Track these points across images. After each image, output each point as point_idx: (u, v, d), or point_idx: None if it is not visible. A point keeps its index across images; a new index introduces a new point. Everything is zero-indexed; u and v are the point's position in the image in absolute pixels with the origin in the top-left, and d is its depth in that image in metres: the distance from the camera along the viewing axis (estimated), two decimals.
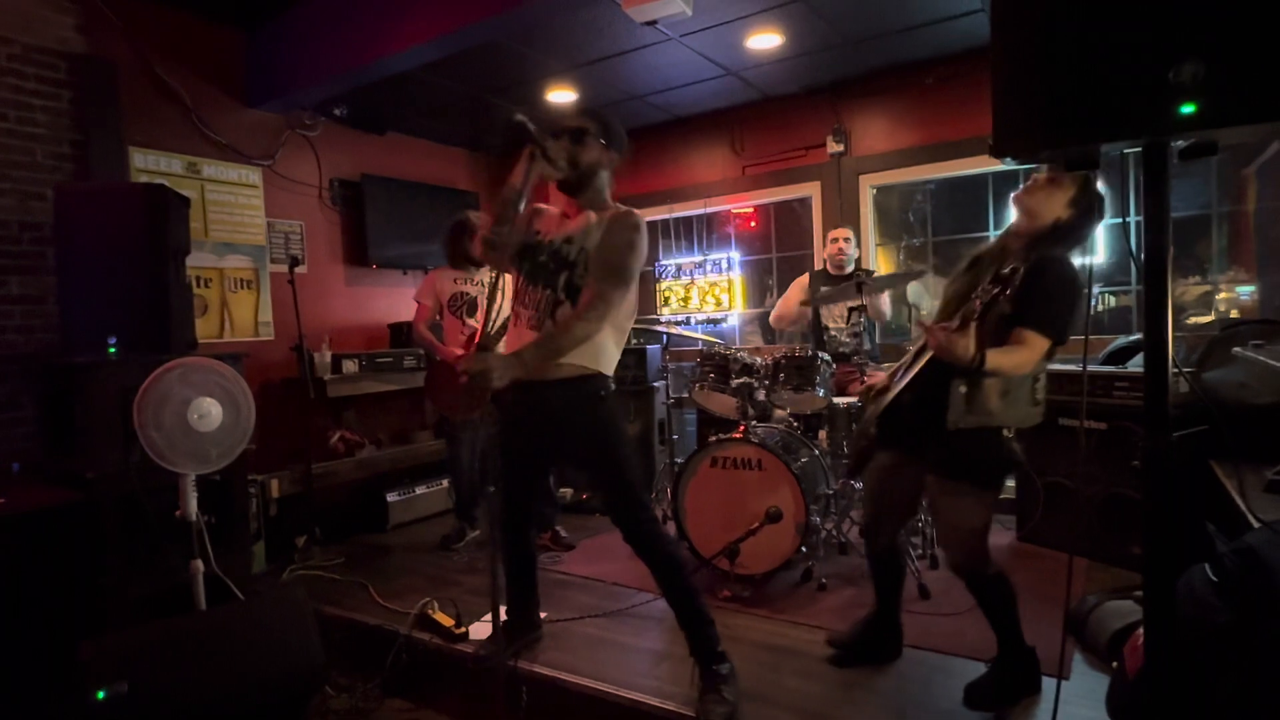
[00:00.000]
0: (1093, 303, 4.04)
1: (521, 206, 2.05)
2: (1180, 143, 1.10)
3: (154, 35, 3.66)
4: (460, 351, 3.51)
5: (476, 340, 3.46)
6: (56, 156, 3.29)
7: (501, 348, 3.50)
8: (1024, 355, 1.82)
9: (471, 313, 3.60)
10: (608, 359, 2.21)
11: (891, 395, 2.09)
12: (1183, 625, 1.55)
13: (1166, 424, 1.09)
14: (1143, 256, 1.09)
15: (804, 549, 3.03)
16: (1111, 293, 4.17)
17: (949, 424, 1.89)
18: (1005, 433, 1.94)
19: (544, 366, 2.09)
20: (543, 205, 2.39)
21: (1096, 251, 3.63)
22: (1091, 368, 3.29)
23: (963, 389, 1.88)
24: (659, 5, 2.82)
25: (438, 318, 3.64)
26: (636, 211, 2.17)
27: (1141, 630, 1.72)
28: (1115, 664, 1.96)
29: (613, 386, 2.26)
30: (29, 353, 3.18)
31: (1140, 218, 1.14)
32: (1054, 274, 1.84)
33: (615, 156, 2.24)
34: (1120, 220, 3.80)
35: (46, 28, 3.27)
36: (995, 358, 1.78)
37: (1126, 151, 1.16)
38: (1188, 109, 0.92)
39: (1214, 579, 1.61)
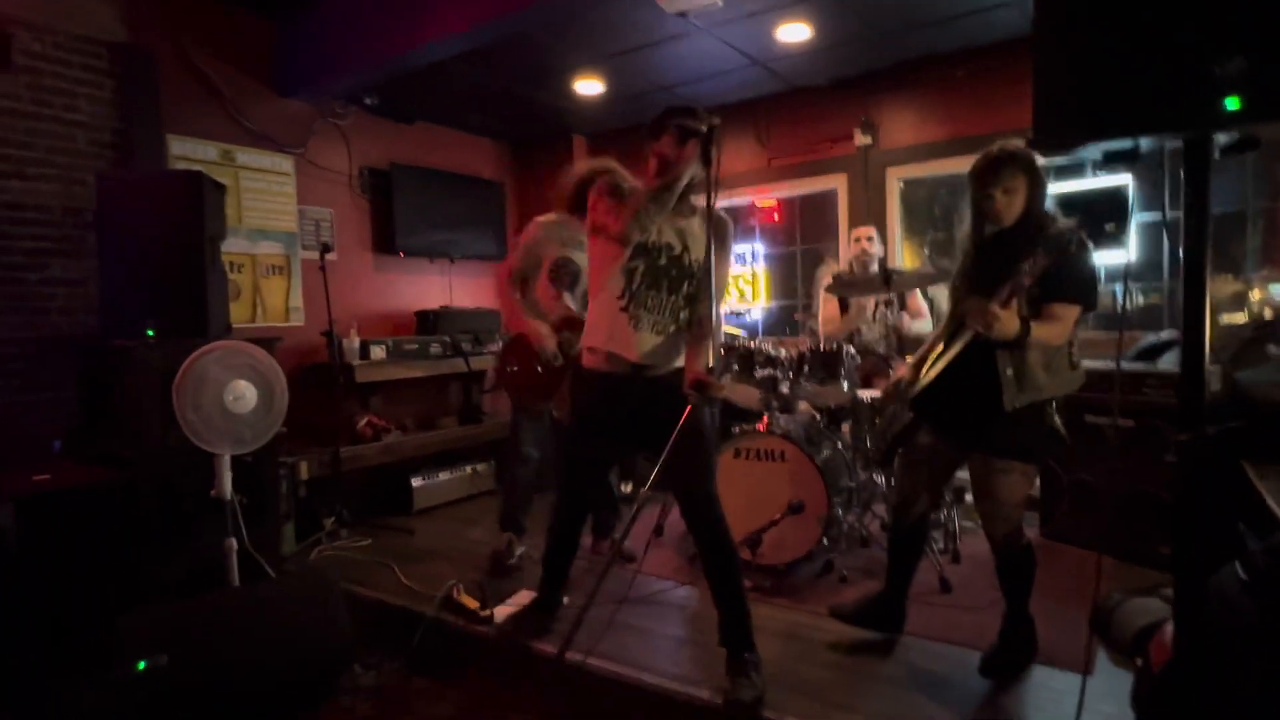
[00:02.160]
0: (1126, 299, 4.00)
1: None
2: (1223, 137, 1.10)
3: (191, 24, 3.73)
4: (544, 332, 2.99)
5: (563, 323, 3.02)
6: (98, 144, 3.38)
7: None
8: (1060, 326, 1.99)
9: (573, 286, 3.08)
10: None
11: (927, 379, 2.16)
12: (1210, 623, 1.54)
13: (1201, 418, 1.09)
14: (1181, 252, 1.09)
15: (825, 541, 3.03)
16: (1143, 290, 4.11)
17: (1006, 406, 2.02)
18: (1048, 408, 2.09)
19: (654, 362, 2.24)
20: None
21: (1130, 248, 3.59)
22: (1122, 365, 3.26)
23: (1010, 371, 2.01)
24: None
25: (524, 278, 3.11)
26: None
27: (1167, 627, 1.72)
28: (1140, 661, 1.96)
29: None
30: (70, 335, 3.28)
31: (1177, 213, 1.14)
32: (1077, 249, 2.00)
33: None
34: (1158, 216, 3.73)
35: (89, 17, 3.35)
36: (1037, 329, 1.94)
37: (1165, 148, 1.16)
38: (1232, 103, 0.92)
39: (1244, 578, 1.60)
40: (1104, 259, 3.93)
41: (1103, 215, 3.74)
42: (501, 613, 2.72)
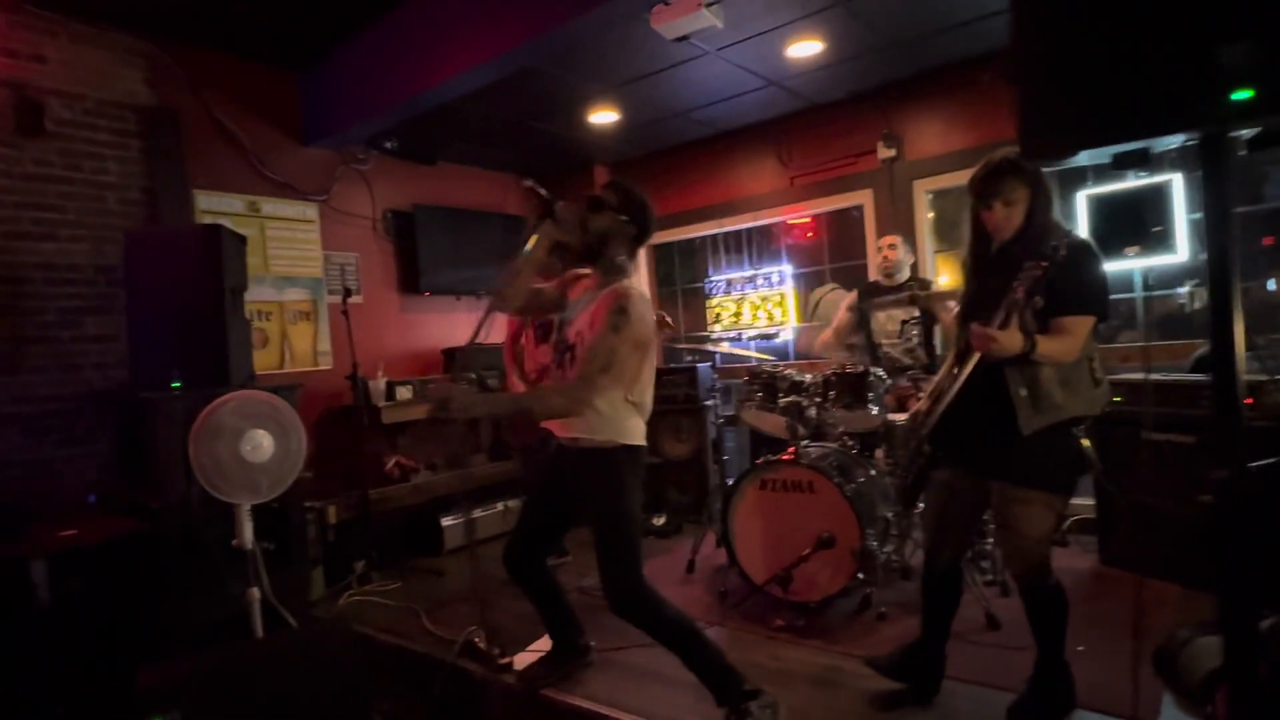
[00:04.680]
0: (1186, 302, 3.75)
1: (530, 266, 2.18)
2: (1246, 131, 0.98)
3: (213, 82, 3.84)
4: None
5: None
6: (127, 202, 3.49)
7: None
8: (1070, 339, 1.86)
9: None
10: (630, 431, 2.22)
11: (940, 411, 2.02)
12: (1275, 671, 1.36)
13: (1240, 452, 0.95)
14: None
15: (861, 575, 2.87)
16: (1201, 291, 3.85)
17: (1022, 429, 1.88)
18: (1075, 430, 1.93)
19: (575, 436, 2.22)
20: (583, 270, 2.38)
21: (1178, 250, 3.35)
22: (1176, 376, 3.03)
23: (1023, 391, 1.87)
24: (688, 21, 2.78)
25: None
26: (634, 287, 2.18)
27: None
28: (1209, 709, 1.75)
29: (640, 453, 2.26)
30: (104, 389, 3.36)
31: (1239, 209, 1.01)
32: (1085, 258, 1.88)
33: (633, 230, 2.22)
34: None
35: (117, 82, 3.48)
36: (1045, 344, 1.82)
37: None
38: (1242, 95, 0.80)
39: None
40: (1154, 262, 3.71)
41: (1148, 217, 3.52)
42: (521, 660, 2.64)
